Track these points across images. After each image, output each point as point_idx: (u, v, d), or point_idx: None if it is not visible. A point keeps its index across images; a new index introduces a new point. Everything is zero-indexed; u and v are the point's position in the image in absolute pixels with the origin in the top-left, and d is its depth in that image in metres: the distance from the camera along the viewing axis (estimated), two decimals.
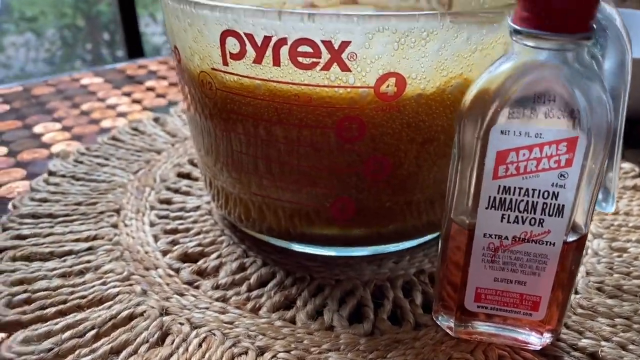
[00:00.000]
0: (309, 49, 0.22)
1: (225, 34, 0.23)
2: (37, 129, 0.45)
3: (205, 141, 0.28)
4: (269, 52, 0.22)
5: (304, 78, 0.22)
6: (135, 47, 1.32)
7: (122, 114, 0.48)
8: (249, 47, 0.22)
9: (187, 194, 0.34)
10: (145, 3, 2.13)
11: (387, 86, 0.22)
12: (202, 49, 0.24)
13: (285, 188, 0.26)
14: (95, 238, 0.30)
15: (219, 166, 0.28)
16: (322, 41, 0.21)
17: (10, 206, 0.33)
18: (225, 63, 0.24)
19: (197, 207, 0.33)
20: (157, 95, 0.52)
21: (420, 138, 0.24)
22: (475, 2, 0.33)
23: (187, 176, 0.37)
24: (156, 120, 0.45)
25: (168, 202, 0.33)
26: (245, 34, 0.22)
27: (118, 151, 0.39)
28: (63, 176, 0.36)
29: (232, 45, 0.23)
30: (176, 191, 0.35)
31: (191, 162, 0.38)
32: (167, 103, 0.50)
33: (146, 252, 0.29)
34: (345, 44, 0.21)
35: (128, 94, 0.52)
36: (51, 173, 0.36)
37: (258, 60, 0.23)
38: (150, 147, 0.40)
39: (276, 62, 0.22)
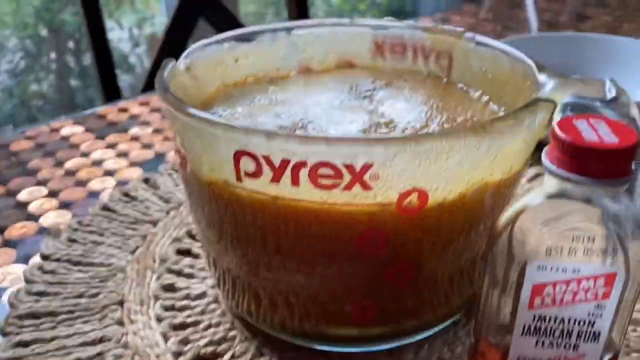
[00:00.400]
0: (329, 172, 0.21)
1: (240, 154, 0.22)
2: (22, 197, 0.43)
3: (207, 215, 0.27)
4: (287, 173, 0.21)
5: (324, 196, 0.22)
6: (103, 56, 1.27)
7: (109, 172, 0.46)
8: (265, 167, 0.22)
9: (190, 276, 0.33)
10: (110, 10, 2.07)
11: (409, 201, 0.22)
12: (213, 161, 0.23)
13: (301, 291, 0.25)
14: (102, 340, 0.29)
15: (223, 244, 0.27)
16: (344, 164, 0.21)
17: (5, 301, 0.32)
18: (239, 180, 0.23)
19: (203, 294, 0.32)
20: (142, 145, 0.51)
21: (441, 242, 0.24)
22: (477, 68, 0.32)
23: (187, 253, 0.35)
24: (146, 181, 0.43)
25: (172, 288, 0.32)
26: (262, 155, 0.21)
27: (112, 224, 0.38)
28: (58, 260, 0.35)
29: (247, 164, 0.22)
30: (179, 273, 0.33)
31: (190, 235, 0.37)
32: (154, 155, 0.49)
33: (157, 357, 0.28)
34: (367, 167, 0.21)
35: (112, 146, 0.50)
36: (45, 257, 0.35)
37: (275, 180, 0.22)
38: (145, 216, 0.39)
39: (295, 182, 0.22)
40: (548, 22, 0.86)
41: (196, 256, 0.35)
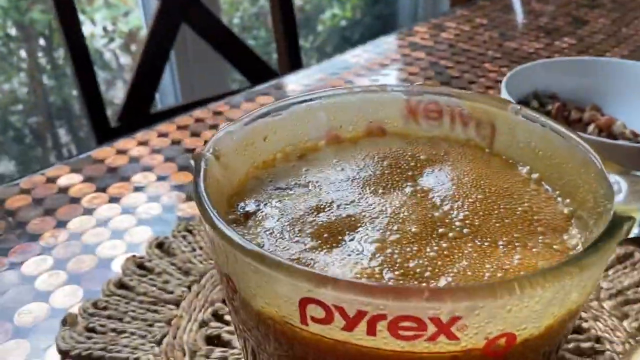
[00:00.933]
0: (412, 324, 0.19)
1: (307, 301, 0.20)
2: (27, 270, 0.40)
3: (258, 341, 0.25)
4: (362, 324, 0.19)
5: (403, 346, 0.20)
6: (79, 54, 1.21)
7: (117, 233, 0.43)
8: (337, 316, 0.19)
9: None
10: (82, 5, 1.99)
11: (497, 345, 0.20)
12: (271, 299, 0.21)
13: None
14: None
15: None
16: (429, 317, 0.19)
17: None
18: (305, 323, 0.20)
19: None
20: (148, 198, 0.48)
21: None
22: (523, 142, 0.30)
23: (217, 339, 0.33)
24: (160, 246, 0.41)
25: None
26: (334, 305, 0.19)
27: (130, 305, 0.36)
28: (79, 356, 0.32)
29: (315, 310, 0.20)
30: None
31: (216, 316, 0.35)
32: (162, 210, 0.46)
33: None
34: (455, 319, 0.19)
35: (116, 200, 0.48)
36: (63, 353, 0.32)
37: (348, 329, 0.20)
38: (165, 294, 0.36)
39: (371, 332, 0.19)
40: (545, 28, 0.84)
41: (227, 344, 0.33)
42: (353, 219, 0.26)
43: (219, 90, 1.25)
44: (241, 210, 0.28)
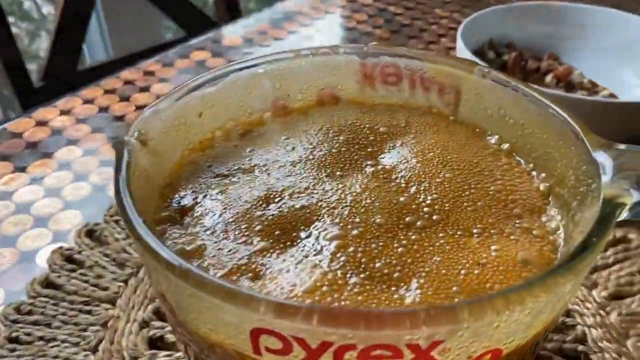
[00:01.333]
0: (386, 352, 0.16)
1: (258, 331, 0.16)
2: None
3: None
4: (327, 355, 0.16)
5: None
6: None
7: (40, 220, 0.38)
8: (296, 347, 0.16)
9: None
10: None
11: None
12: (216, 326, 0.18)
13: None
14: None
15: None
16: (406, 345, 0.16)
17: None
18: (258, 353, 0.17)
19: None
20: (75, 176, 0.43)
21: None
22: (492, 109, 0.27)
23: (161, 341, 0.30)
24: (90, 235, 0.36)
25: None
26: (293, 337, 0.16)
27: (60, 307, 0.31)
28: None
29: (270, 341, 0.16)
30: None
31: (158, 314, 0.31)
32: (92, 190, 0.41)
33: None
34: (436, 344, 0.16)
35: (38, 180, 0.42)
36: None
37: (310, 359, 0.17)
38: (99, 290, 0.32)
39: None
40: None
41: (172, 346, 0.30)
42: (308, 210, 0.23)
43: (151, 40, 1.16)
44: (176, 205, 0.24)
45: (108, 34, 1.44)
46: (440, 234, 0.22)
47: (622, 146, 0.22)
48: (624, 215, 0.20)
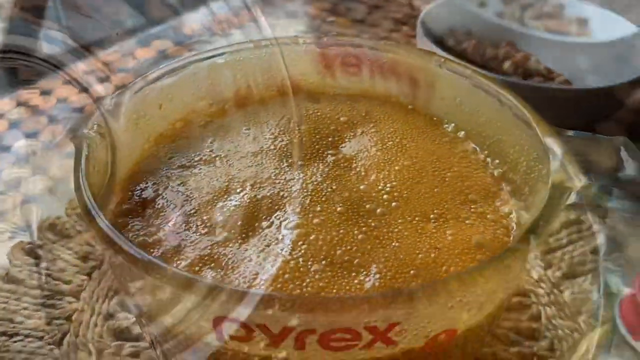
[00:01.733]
0: (346, 335, 0.17)
1: (220, 319, 0.17)
2: None
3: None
4: (289, 340, 0.17)
5: (337, 356, 0.17)
6: None
7: (0, 215, 0.38)
8: (258, 333, 0.17)
9: None
10: None
11: (437, 342, 0.18)
12: (179, 316, 0.18)
13: None
14: None
15: None
16: (365, 327, 0.16)
17: None
18: (222, 341, 0.18)
19: None
20: (35, 170, 0.42)
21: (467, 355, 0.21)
22: (448, 98, 0.28)
23: (127, 332, 0.30)
24: (52, 229, 0.36)
25: None
26: (255, 324, 0.16)
27: (21, 302, 0.31)
28: None
29: (232, 328, 0.17)
30: None
31: (122, 306, 0.31)
32: (52, 183, 0.41)
33: None
34: (393, 325, 0.17)
35: None
36: None
37: (272, 345, 0.17)
38: (62, 284, 0.32)
39: (300, 347, 0.17)
40: None
41: (139, 336, 0.30)
42: (270, 200, 0.23)
43: (111, 28, 1.14)
44: (137, 198, 0.24)
45: (65, 22, 1.40)
46: (399, 220, 0.22)
47: (570, 132, 0.23)
48: (572, 198, 0.21)
